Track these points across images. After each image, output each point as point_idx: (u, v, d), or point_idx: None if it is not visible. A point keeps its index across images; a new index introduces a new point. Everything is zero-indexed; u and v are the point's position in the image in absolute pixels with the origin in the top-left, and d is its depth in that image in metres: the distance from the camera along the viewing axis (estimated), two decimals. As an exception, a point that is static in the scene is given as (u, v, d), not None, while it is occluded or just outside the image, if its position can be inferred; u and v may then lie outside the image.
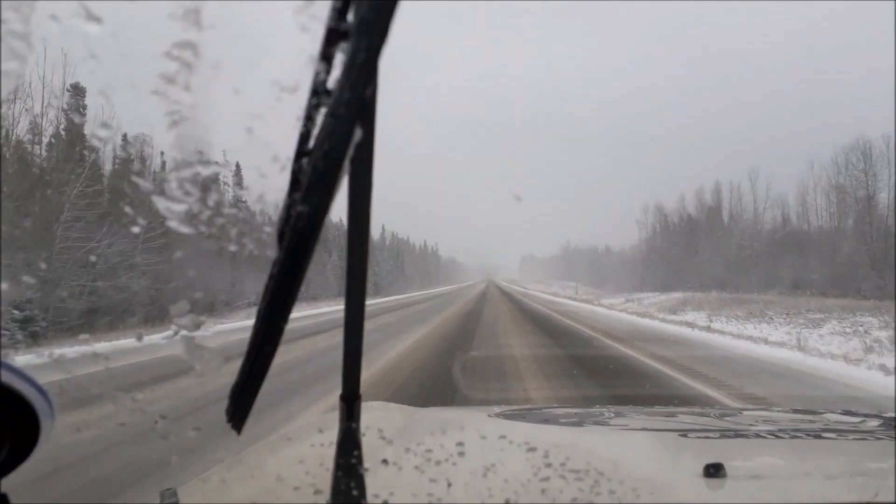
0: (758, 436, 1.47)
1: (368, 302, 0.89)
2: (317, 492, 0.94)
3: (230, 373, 0.71)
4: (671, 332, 19.44)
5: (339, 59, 0.55)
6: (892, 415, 1.87)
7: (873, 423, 1.73)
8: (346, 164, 0.57)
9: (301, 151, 0.59)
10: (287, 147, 0.60)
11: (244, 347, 0.68)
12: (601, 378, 9.68)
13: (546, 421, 1.80)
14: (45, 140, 21.66)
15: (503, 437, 1.29)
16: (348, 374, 0.84)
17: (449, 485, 0.97)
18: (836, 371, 10.78)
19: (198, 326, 0.70)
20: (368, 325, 0.91)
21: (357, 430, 0.86)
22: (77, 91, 20.87)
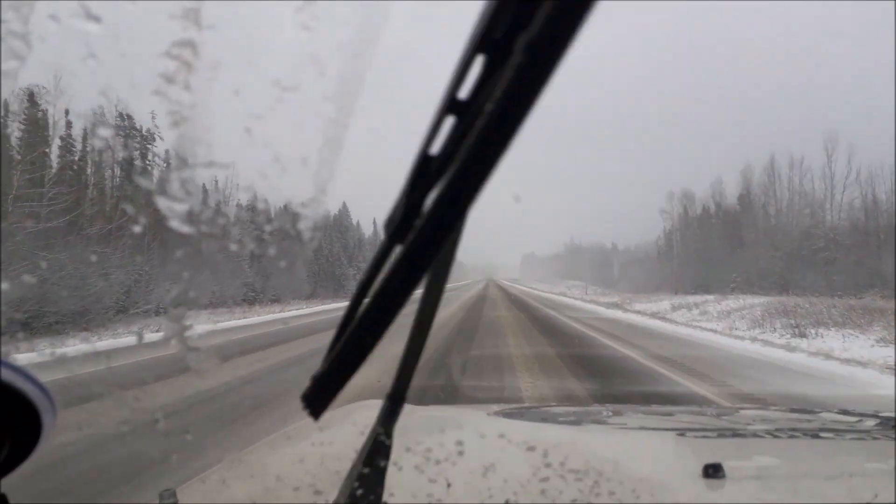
0: (755, 435, 1.47)
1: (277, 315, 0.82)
2: (317, 492, 0.94)
3: (225, 372, 0.69)
4: None
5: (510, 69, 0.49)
6: (890, 414, 1.87)
7: (870, 423, 1.73)
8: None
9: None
10: (287, 147, 0.60)
11: (243, 347, 0.67)
12: None
13: (545, 420, 1.80)
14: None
15: (502, 436, 1.30)
16: (402, 375, 0.82)
17: (448, 485, 0.97)
18: None
19: (187, 328, 0.70)
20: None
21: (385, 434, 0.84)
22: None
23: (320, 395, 0.69)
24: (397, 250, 0.60)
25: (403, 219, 0.60)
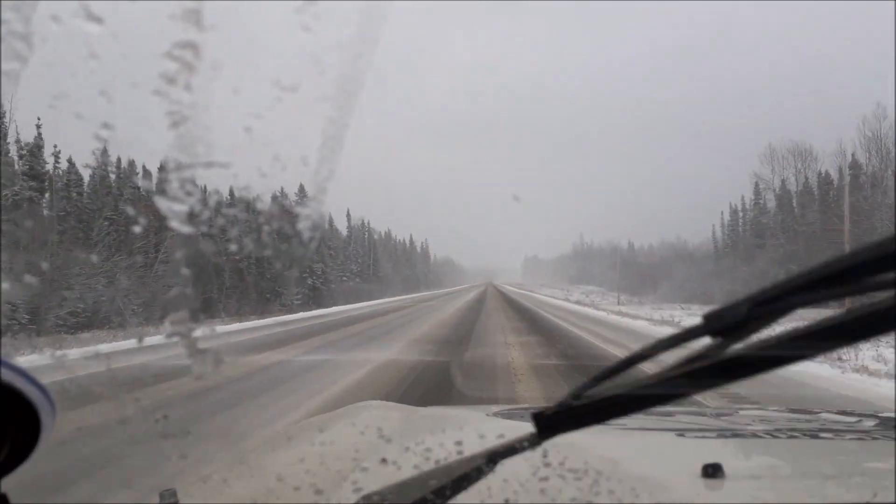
0: (755, 435, 1.47)
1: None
2: (317, 491, 0.95)
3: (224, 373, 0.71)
4: None
5: None
6: (890, 415, 1.88)
7: (870, 423, 1.73)
8: None
9: None
10: (288, 147, 0.60)
11: (243, 347, 0.68)
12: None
13: None
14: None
15: (502, 436, 1.30)
16: None
17: None
18: None
19: (192, 330, 0.70)
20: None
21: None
22: None
23: (556, 424, 0.67)
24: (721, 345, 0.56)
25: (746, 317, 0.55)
